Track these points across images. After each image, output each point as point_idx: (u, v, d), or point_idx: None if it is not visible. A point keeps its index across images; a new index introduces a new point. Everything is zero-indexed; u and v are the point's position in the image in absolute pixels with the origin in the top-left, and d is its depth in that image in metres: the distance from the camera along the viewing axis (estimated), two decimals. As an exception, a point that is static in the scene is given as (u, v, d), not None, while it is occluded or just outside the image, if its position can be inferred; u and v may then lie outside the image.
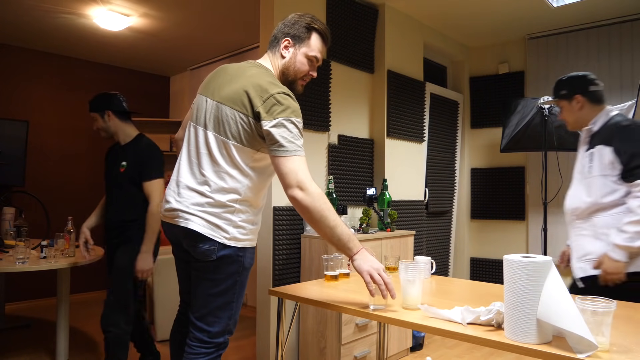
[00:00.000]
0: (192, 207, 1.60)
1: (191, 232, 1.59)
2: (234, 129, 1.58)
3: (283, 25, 1.76)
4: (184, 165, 1.68)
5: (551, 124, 3.65)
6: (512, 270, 1.15)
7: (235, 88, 1.60)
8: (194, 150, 1.66)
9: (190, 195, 1.62)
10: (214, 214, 1.60)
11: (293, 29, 1.74)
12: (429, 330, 1.30)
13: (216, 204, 1.59)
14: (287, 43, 1.72)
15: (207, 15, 3.92)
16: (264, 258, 2.99)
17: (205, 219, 1.59)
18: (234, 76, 1.66)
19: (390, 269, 2.20)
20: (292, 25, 1.75)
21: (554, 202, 4.20)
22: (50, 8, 3.75)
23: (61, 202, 5.00)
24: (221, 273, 1.63)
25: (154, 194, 2.53)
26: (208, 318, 1.66)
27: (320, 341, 2.88)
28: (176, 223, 1.63)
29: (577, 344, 1.05)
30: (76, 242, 2.85)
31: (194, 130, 1.69)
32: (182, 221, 1.61)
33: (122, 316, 2.45)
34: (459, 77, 4.88)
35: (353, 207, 3.51)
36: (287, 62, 1.72)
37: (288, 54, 1.72)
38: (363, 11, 3.62)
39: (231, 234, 1.61)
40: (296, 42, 1.72)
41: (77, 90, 5.16)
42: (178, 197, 1.64)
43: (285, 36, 1.73)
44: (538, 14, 3.93)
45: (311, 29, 1.74)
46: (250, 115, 1.56)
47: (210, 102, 1.66)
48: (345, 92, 3.51)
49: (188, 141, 1.70)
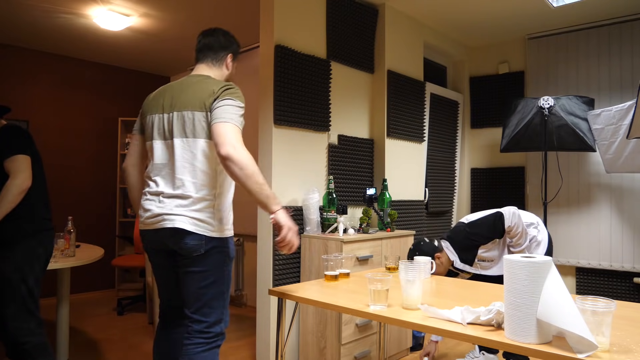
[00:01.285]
0: (176, 209, 1.74)
1: (178, 230, 1.72)
2: (198, 128, 1.75)
3: (219, 42, 1.97)
4: (157, 178, 1.81)
5: (551, 124, 3.65)
6: (512, 270, 1.15)
7: (191, 95, 1.79)
8: (164, 161, 1.81)
9: (171, 201, 1.75)
10: (197, 210, 1.74)
11: (232, 47, 2.00)
12: (429, 330, 1.30)
13: (197, 200, 1.75)
14: (230, 59, 1.99)
15: (207, 16, 3.93)
16: (264, 258, 2.99)
17: (190, 216, 1.73)
18: (185, 88, 1.83)
19: (390, 269, 2.20)
20: (230, 43, 2.00)
21: (554, 202, 4.20)
22: (50, 8, 3.75)
23: (61, 202, 5.00)
24: (210, 265, 1.76)
25: (17, 170, 2.16)
26: (204, 310, 1.77)
27: (320, 341, 2.88)
28: (161, 226, 1.75)
29: (577, 344, 1.05)
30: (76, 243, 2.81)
31: (159, 145, 1.84)
32: (167, 223, 1.73)
33: (32, 320, 2.22)
34: (459, 77, 4.88)
35: (353, 207, 3.51)
36: (230, 74, 2.01)
37: (231, 67, 2.01)
38: (363, 11, 3.62)
39: (215, 226, 1.77)
40: (234, 58, 2.02)
41: (77, 90, 5.16)
42: (159, 204, 1.77)
43: (227, 52, 1.98)
44: (538, 14, 3.93)
45: (239, 47, 2.05)
46: (208, 111, 1.75)
47: (166, 115, 1.82)
48: (345, 92, 3.51)
49: (153, 157, 1.85)
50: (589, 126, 3.65)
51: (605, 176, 3.96)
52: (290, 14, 3.06)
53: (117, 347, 3.42)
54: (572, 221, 4.12)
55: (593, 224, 4.01)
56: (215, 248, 1.77)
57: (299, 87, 3.09)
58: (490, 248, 2.51)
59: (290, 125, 3.06)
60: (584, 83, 4.11)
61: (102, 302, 4.85)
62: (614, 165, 3.55)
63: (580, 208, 4.09)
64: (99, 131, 5.33)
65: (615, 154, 3.52)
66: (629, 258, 3.82)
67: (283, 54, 2.99)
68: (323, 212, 3.10)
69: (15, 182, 2.12)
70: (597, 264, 3.97)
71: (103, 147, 5.37)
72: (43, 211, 2.34)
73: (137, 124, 1.99)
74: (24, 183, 2.14)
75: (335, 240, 2.83)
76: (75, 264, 2.79)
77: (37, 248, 2.27)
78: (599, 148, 3.62)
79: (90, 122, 5.27)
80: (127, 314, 4.38)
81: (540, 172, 4.29)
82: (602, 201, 3.97)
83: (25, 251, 2.23)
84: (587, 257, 4.03)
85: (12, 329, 2.17)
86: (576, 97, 3.70)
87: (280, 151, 3.01)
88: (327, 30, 3.34)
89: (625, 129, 3.42)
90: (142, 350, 3.35)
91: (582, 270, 4.09)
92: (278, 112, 2.96)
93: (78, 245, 3.45)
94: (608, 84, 3.98)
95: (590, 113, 3.64)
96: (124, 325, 3.98)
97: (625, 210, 3.86)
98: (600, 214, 3.98)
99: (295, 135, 3.11)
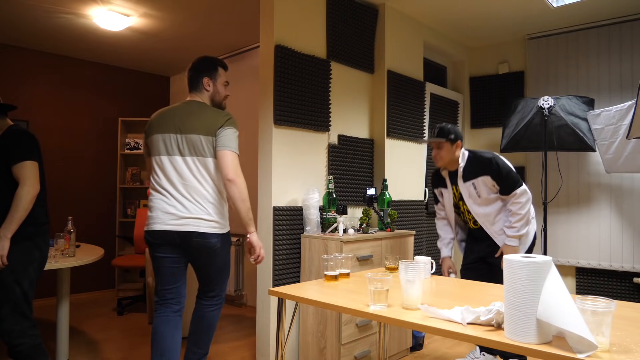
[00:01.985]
0: (198, 213, 2.20)
1: (202, 234, 2.19)
2: (207, 150, 2.22)
3: (195, 72, 2.41)
4: (177, 185, 2.21)
5: (551, 124, 3.65)
6: (512, 270, 1.15)
7: (198, 122, 2.24)
8: (180, 173, 2.22)
9: (192, 206, 2.20)
10: (214, 213, 2.24)
11: (205, 71, 2.40)
12: (429, 330, 1.30)
13: (212, 204, 2.24)
14: (206, 81, 2.38)
15: (207, 15, 3.93)
16: (264, 258, 2.99)
17: (210, 219, 2.22)
18: (189, 114, 2.27)
19: (390, 269, 2.20)
20: (203, 67, 2.41)
21: (554, 202, 4.20)
22: (50, 8, 3.75)
23: (61, 202, 5.00)
24: (223, 252, 2.33)
25: (26, 177, 2.21)
26: (221, 285, 2.43)
27: (320, 341, 2.88)
28: (184, 229, 2.18)
29: (577, 344, 1.05)
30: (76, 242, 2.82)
31: (173, 159, 2.23)
32: (192, 227, 2.19)
33: (26, 322, 2.22)
34: (459, 77, 4.88)
35: (353, 207, 3.51)
36: (213, 92, 2.40)
37: (211, 86, 2.39)
38: (363, 11, 3.62)
39: (224, 224, 2.31)
40: (212, 77, 2.39)
41: (77, 90, 5.16)
42: (182, 208, 2.20)
43: (202, 77, 2.38)
44: (538, 14, 3.93)
45: (215, 65, 2.41)
46: (214, 136, 2.22)
47: (177, 136, 2.23)
48: (345, 92, 3.51)
49: (165, 170, 2.24)
50: (589, 126, 3.65)
51: (605, 176, 3.96)
52: (290, 14, 3.06)
53: (117, 347, 3.42)
54: (572, 221, 4.12)
55: (593, 224, 4.01)
56: (226, 239, 2.32)
57: (299, 87, 3.10)
58: (488, 203, 2.66)
59: (290, 126, 3.06)
60: (584, 83, 4.11)
61: (102, 302, 4.85)
62: (614, 165, 3.55)
63: (580, 208, 4.09)
64: (99, 131, 5.33)
65: (615, 154, 3.52)
66: (628, 258, 3.82)
67: (283, 54, 2.99)
68: (323, 212, 3.10)
69: (27, 190, 2.20)
70: (597, 264, 3.97)
71: (103, 147, 5.37)
72: (42, 215, 2.35)
73: (145, 148, 2.37)
74: (34, 190, 2.23)
75: (335, 240, 2.83)
76: (75, 264, 2.79)
77: (33, 251, 2.29)
78: (599, 148, 3.62)
79: (90, 122, 5.27)
80: (127, 314, 4.38)
81: (540, 172, 4.29)
82: (602, 201, 3.98)
83: (21, 253, 2.24)
84: (587, 257, 4.03)
85: (5, 331, 2.18)
86: (576, 97, 3.70)
87: (280, 151, 3.01)
88: (327, 30, 3.34)
89: (625, 129, 3.42)
90: (142, 350, 3.35)
91: (582, 270, 4.09)
92: (278, 112, 2.97)
93: (78, 245, 3.45)
94: (608, 84, 3.98)
95: (590, 113, 3.65)
96: (124, 325, 3.98)
97: (625, 210, 3.86)
98: (600, 214, 3.98)
99: (295, 135, 3.11)
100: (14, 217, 2.16)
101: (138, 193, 5.55)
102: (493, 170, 2.58)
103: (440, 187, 2.87)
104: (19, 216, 2.17)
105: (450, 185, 2.80)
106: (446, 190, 2.83)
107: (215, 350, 3.37)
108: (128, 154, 5.44)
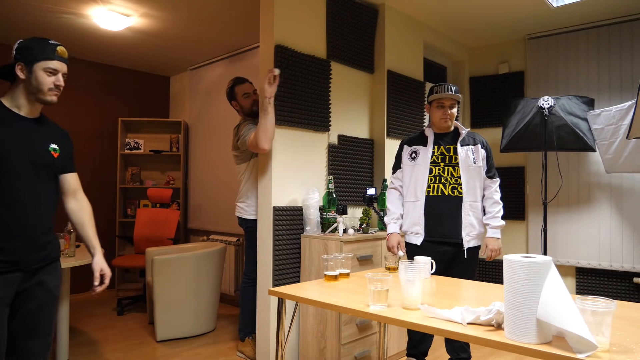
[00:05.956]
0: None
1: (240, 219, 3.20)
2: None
3: (228, 99, 3.31)
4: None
5: (551, 124, 3.65)
6: (512, 270, 1.15)
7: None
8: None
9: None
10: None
11: (229, 96, 3.30)
12: (429, 330, 1.30)
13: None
14: (235, 105, 3.22)
15: (207, 15, 3.93)
16: (264, 258, 2.99)
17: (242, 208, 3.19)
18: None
19: (390, 269, 2.20)
20: (228, 95, 3.30)
21: (554, 202, 4.20)
22: (50, 8, 3.75)
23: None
24: (252, 236, 3.09)
25: (80, 187, 2.24)
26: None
27: (320, 341, 2.88)
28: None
29: (577, 344, 1.05)
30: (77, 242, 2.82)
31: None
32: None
33: (49, 348, 1.90)
34: (459, 77, 4.88)
35: (353, 207, 3.51)
36: (243, 107, 3.17)
37: (236, 104, 3.20)
38: (363, 11, 3.62)
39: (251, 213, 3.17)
40: (234, 99, 3.25)
41: (77, 90, 5.16)
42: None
43: (231, 101, 3.29)
44: (538, 14, 3.93)
45: (233, 87, 3.25)
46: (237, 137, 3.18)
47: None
48: (345, 92, 3.51)
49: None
50: (589, 126, 3.65)
51: (605, 176, 3.96)
52: (290, 14, 3.06)
53: (117, 347, 3.42)
54: (572, 221, 4.12)
55: (593, 224, 4.01)
56: (253, 224, 3.13)
57: (299, 87, 3.10)
58: (478, 177, 2.69)
59: (290, 125, 3.06)
60: (583, 83, 4.11)
61: (102, 302, 4.86)
62: (614, 165, 3.55)
63: (580, 208, 4.09)
64: (99, 131, 5.33)
65: (615, 154, 3.52)
66: (629, 258, 3.82)
67: (283, 54, 2.99)
68: (323, 212, 3.10)
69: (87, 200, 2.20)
70: (597, 264, 3.97)
71: (103, 147, 5.37)
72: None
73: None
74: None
75: (335, 240, 2.83)
76: (75, 264, 2.79)
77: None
78: (599, 148, 3.62)
79: (90, 122, 5.27)
80: (127, 314, 4.38)
81: (540, 172, 4.29)
82: (602, 201, 3.98)
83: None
84: (587, 257, 4.03)
85: (27, 356, 1.93)
86: (576, 97, 3.70)
87: (280, 151, 3.01)
88: (327, 30, 3.34)
89: (625, 129, 3.42)
90: (142, 350, 3.35)
91: (582, 270, 4.09)
92: (278, 112, 2.96)
93: (78, 245, 3.45)
94: (608, 84, 3.98)
95: (590, 113, 3.64)
96: (124, 325, 3.98)
97: (625, 210, 3.86)
98: (600, 214, 3.98)
99: (295, 135, 3.11)
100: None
101: (138, 193, 5.55)
102: (485, 147, 2.74)
103: (416, 144, 2.75)
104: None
105: (432, 144, 2.70)
106: (425, 148, 2.71)
107: (215, 350, 3.37)
108: (128, 154, 5.44)
